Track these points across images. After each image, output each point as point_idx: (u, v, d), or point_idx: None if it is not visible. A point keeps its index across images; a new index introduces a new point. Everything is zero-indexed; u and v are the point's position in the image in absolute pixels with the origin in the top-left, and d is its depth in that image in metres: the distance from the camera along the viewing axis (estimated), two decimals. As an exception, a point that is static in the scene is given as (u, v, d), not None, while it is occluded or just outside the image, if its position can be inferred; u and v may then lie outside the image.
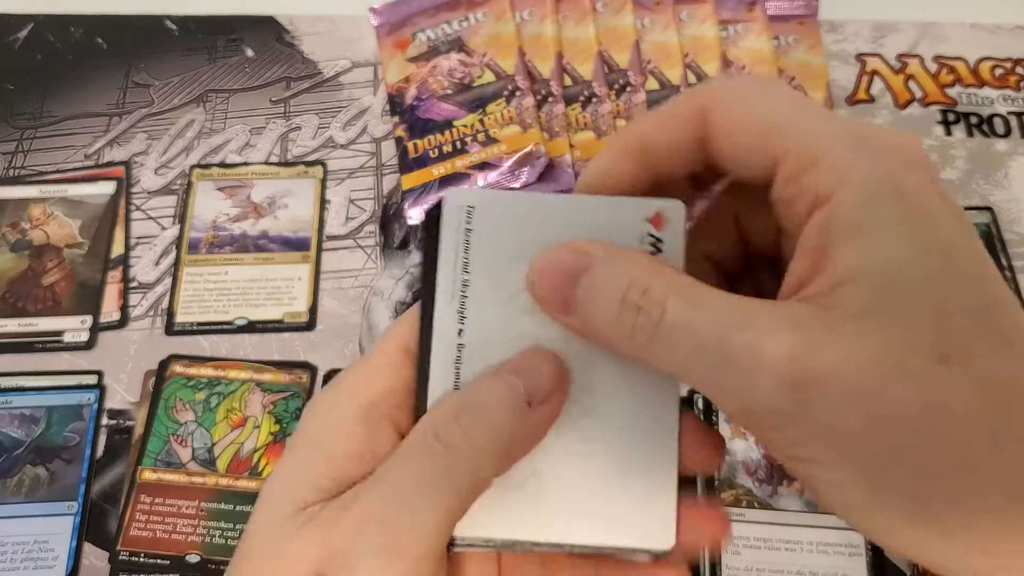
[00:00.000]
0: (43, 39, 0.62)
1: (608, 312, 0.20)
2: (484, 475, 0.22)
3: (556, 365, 0.23)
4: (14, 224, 0.55)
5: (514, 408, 0.22)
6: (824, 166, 0.19)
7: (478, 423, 0.21)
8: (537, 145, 0.53)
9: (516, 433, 0.22)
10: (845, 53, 0.62)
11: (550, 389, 0.22)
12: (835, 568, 0.44)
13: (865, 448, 0.18)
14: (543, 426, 0.22)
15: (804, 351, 0.18)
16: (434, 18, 0.58)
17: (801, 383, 0.18)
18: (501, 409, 0.22)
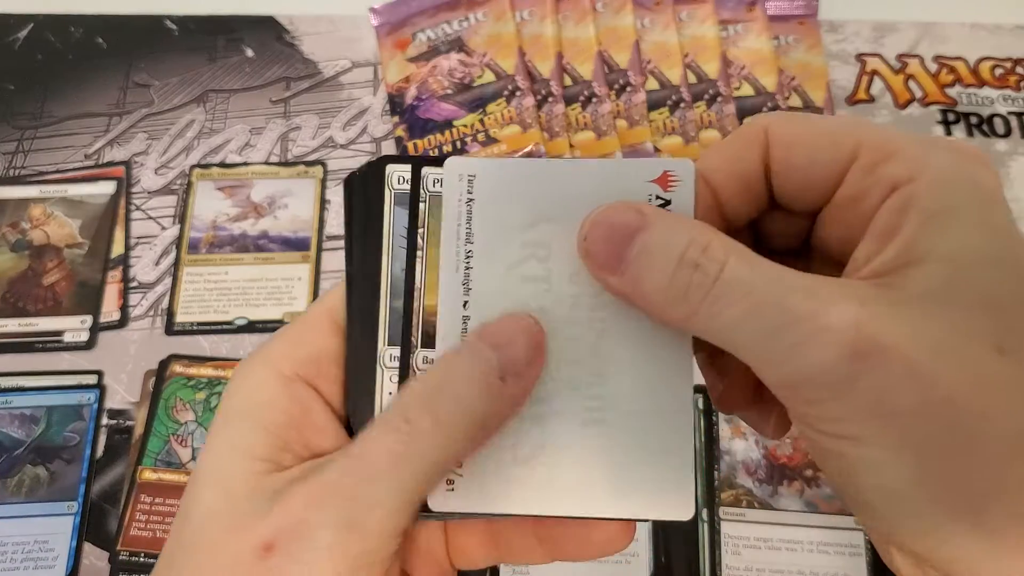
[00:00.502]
0: (43, 39, 0.62)
1: (663, 273, 0.20)
2: (454, 454, 0.21)
3: (532, 335, 0.22)
4: (14, 224, 0.55)
5: (486, 386, 0.21)
6: (901, 157, 0.20)
7: (448, 405, 0.21)
8: (537, 145, 0.53)
9: (488, 411, 0.21)
10: (845, 53, 0.62)
11: (525, 361, 0.22)
12: (835, 568, 0.44)
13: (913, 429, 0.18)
14: (518, 400, 0.22)
15: (870, 321, 0.17)
16: (434, 18, 0.58)
17: (861, 353, 0.17)
18: (472, 388, 0.21)
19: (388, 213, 0.24)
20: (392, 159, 0.24)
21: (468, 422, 0.21)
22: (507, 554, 0.26)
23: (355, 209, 0.24)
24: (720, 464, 0.47)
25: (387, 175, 0.24)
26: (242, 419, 0.23)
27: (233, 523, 0.21)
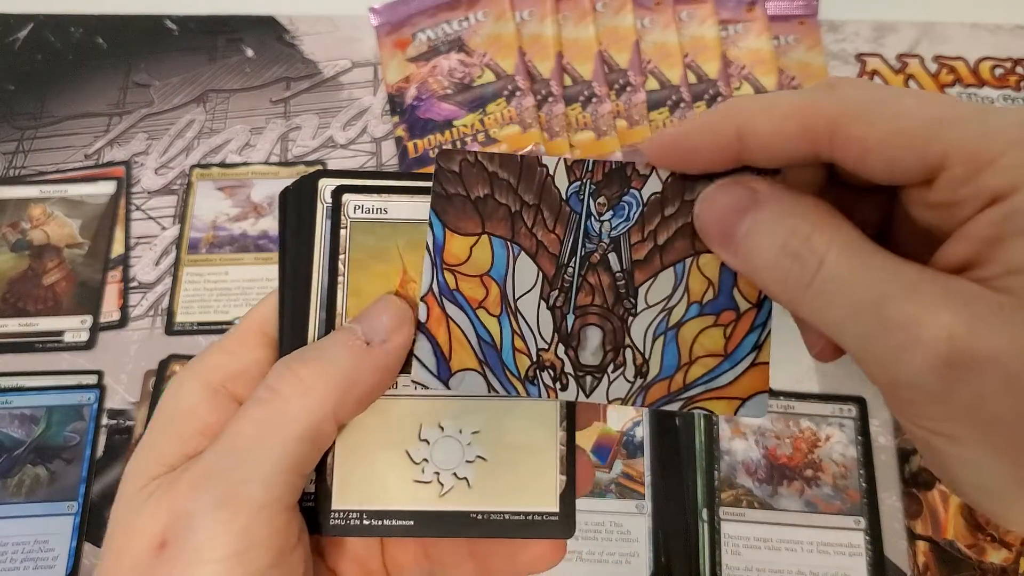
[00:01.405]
0: (43, 39, 0.62)
1: (768, 255, 0.20)
2: (317, 416, 0.22)
3: (396, 308, 0.23)
4: (14, 224, 0.55)
5: (350, 347, 0.22)
6: (1001, 166, 0.18)
7: (311, 364, 0.22)
8: (537, 145, 0.53)
9: (354, 370, 0.22)
10: (845, 53, 0.62)
11: (390, 329, 0.23)
12: (835, 568, 0.44)
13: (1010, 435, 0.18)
14: (387, 362, 0.23)
15: (966, 331, 0.17)
16: (434, 18, 0.58)
17: (956, 364, 0.17)
18: (336, 349, 0.22)
19: (319, 227, 0.24)
20: (325, 173, 0.25)
21: (333, 379, 0.22)
22: (439, 568, 0.27)
23: (288, 222, 0.25)
24: (720, 464, 0.47)
25: (320, 189, 0.24)
26: (159, 427, 0.23)
27: (129, 527, 0.22)
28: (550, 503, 0.24)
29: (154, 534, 0.21)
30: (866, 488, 0.46)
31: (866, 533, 0.45)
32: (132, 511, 0.22)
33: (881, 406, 0.49)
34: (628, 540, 0.45)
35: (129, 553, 0.21)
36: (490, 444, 0.24)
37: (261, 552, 0.21)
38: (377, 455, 0.24)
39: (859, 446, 0.47)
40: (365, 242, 0.24)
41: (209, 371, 0.24)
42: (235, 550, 0.20)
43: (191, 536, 0.20)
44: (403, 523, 0.24)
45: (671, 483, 0.47)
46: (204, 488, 0.21)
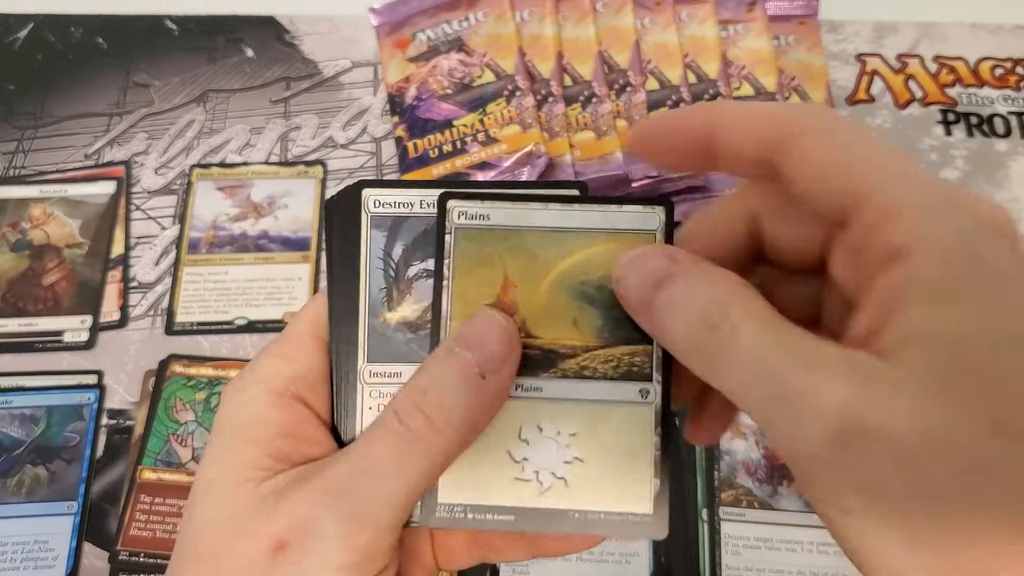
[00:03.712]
0: (43, 39, 0.62)
1: (683, 326, 0.21)
2: (450, 452, 0.23)
3: (504, 330, 0.23)
4: (14, 224, 0.55)
5: (469, 385, 0.23)
6: (906, 222, 0.19)
7: (439, 407, 0.22)
8: (537, 145, 0.53)
9: (475, 407, 0.23)
10: (845, 53, 0.62)
11: (502, 357, 0.23)
12: (835, 568, 0.44)
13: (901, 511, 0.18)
14: (501, 394, 0.23)
15: (858, 404, 0.18)
16: (434, 18, 0.58)
17: (847, 436, 0.18)
18: (458, 389, 0.22)
19: (365, 236, 0.25)
20: (368, 184, 0.25)
21: (458, 422, 0.22)
22: (491, 553, 0.27)
23: (334, 232, 0.26)
24: (720, 464, 0.47)
25: (363, 199, 0.25)
26: (235, 434, 0.24)
27: (237, 529, 0.22)
28: (644, 505, 0.25)
29: (271, 535, 0.21)
30: (866, 488, 0.46)
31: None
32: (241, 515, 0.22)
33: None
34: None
35: (240, 554, 0.22)
36: (587, 446, 0.25)
37: (377, 562, 0.22)
38: (480, 454, 0.25)
39: (859, 446, 0.47)
40: (469, 248, 0.25)
41: (271, 377, 0.24)
42: (357, 560, 0.21)
43: (315, 542, 0.21)
44: (504, 517, 0.24)
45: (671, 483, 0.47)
46: (332, 499, 0.22)
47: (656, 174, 0.53)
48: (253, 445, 0.23)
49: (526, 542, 0.27)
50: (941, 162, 0.58)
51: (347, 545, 0.21)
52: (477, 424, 0.23)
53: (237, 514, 0.22)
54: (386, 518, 0.22)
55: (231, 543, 0.22)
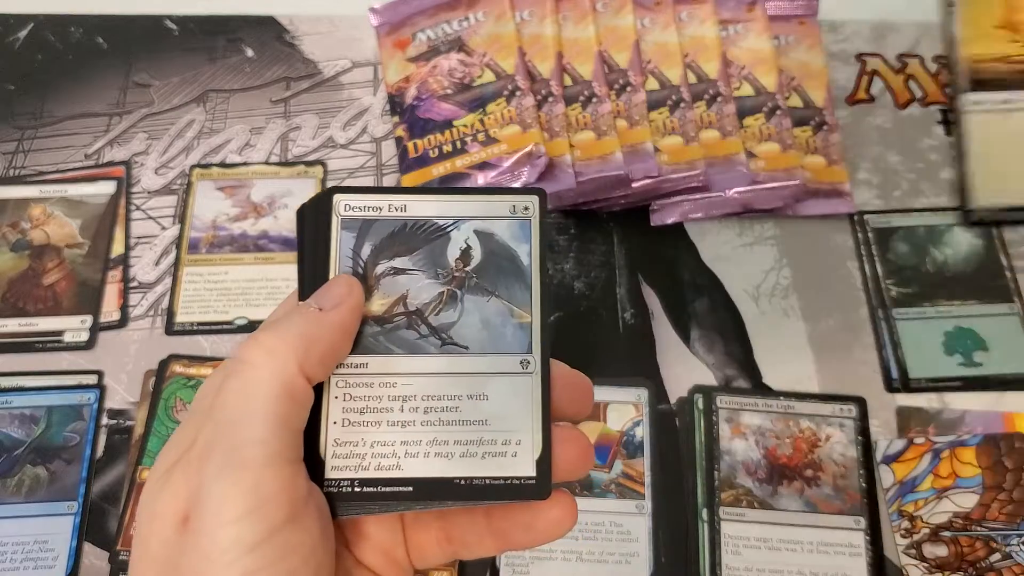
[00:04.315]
0: (43, 39, 0.62)
1: None
2: (287, 373, 0.23)
3: (344, 281, 0.26)
4: (14, 224, 0.55)
5: (304, 313, 0.25)
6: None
7: (272, 332, 0.24)
8: (537, 145, 0.53)
9: (308, 330, 0.24)
10: (845, 53, 0.62)
11: (340, 295, 0.25)
12: (835, 568, 0.44)
13: None
14: (342, 323, 0.25)
15: None
16: (434, 18, 0.58)
17: None
18: (292, 317, 0.25)
19: (335, 236, 0.27)
20: (340, 189, 0.27)
21: (293, 340, 0.24)
22: (461, 548, 0.28)
23: (306, 235, 0.27)
24: (720, 464, 0.47)
25: (334, 203, 0.27)
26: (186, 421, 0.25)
27: (152, 511, 0.23)
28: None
29: (176, 512, 0.22)
30: (866, 488, 0.46)
31: (866, 533, 0.45)
32: (152, 498, 0.23)
33: (881, 407, 0.49)
34: (628, 540, 0.45)
35: (156, 536, 0.23)
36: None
37: (275, 506, 0.22)
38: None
39: (859, 446, 0.47)
40: None
41: None
42: (249, 507, 0.21)
43: (208, 504, 0.22)
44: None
45: (671, 483, 0.47)
46: (208, 459, 0.22)
47: (656, 174, 0.53)
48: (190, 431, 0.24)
49: (493, 535, 0.27)
50: (941, 162, 0.58)
51: (231, 495, 0.21)
52: (318, 351, 0.24)
53: (151, 497, 0.23)
54: (260, 454, 0.22)
55: (150, 526, 0.23)
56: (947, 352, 0.51)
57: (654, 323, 0.52)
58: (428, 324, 0.27)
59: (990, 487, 0.46)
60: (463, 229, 0.27)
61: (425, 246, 0.27)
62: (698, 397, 0.49)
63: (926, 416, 0.49)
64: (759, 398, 0.49)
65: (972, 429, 0.48)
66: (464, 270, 0.27)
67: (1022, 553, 0.45)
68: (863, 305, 0.53)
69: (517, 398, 0.26)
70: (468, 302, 0.27)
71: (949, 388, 0.50)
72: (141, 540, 0.23)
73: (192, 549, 0.22)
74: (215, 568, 0.21)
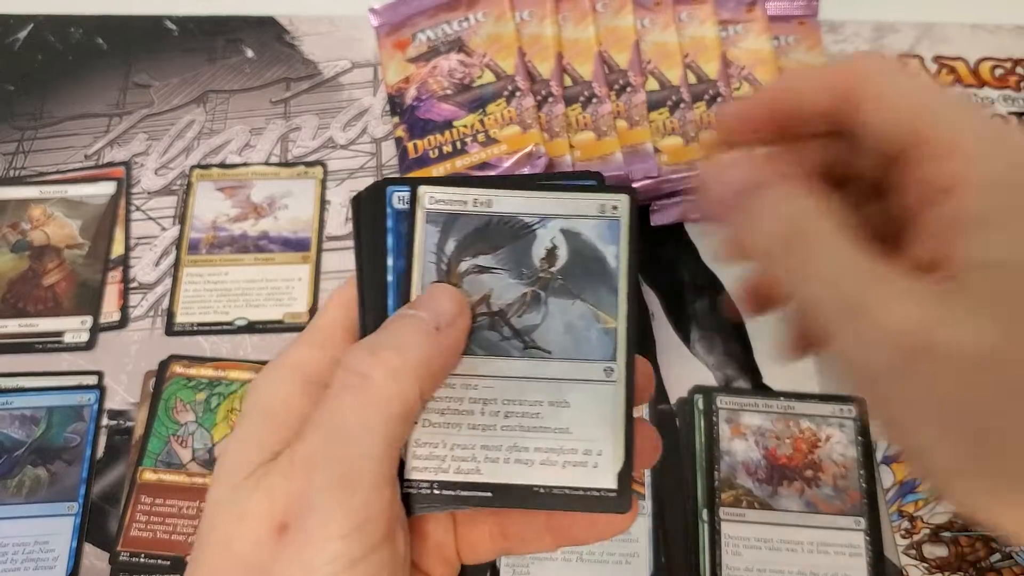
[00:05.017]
0: (43, 39, 0.62)
1: (762, 238, 0.22)
2: (410, 397, 0.23)
3: (454, 294, 0.25)
4: (14, 225, 0.55)
5: (422, 333, 0.24)
6: (960, 155, 0.21)
7: (393, 352, 0.23)
8: (537, 145, 0.53)
9: (430, 354, 0.24)
10: (845, 53, 0.62)
11: (453, 314, 0.25)
12: (835, 568, 0.44)
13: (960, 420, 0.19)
14: (455, 346, 0.25)
15: (925, 323, 0.19)
16: (434, 18, 0.58)
17: (911, 353, 0.19)
18: (411, 336, 0.24)
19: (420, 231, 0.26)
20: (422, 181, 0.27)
21: (413, 364, 0.23)
22: (517, 545, 0.27)
23: (363, 225, 0.26)
24: (720, 464, 0.47)
25: (419, 196, 0.26)
26: (258, 417, 0.24)
27: (241, 512, 0.22)
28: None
29: (272, 516, 0.22)
30: (866, 488, 0.46)
31: (866, 533, 0.45)
32: (242, 498, 0.22)
33: (881, 406, 0.49)
34: (628, 540, 0.45)
35: (245, 537, 0.22)
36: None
37: (377, 525, 0.22)
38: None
39: (859, 446, 0.47)
40: None
41: (302, 364, 0.25)
42: (355, 525, 0.21)
43: (313, 515, 0.21)
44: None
45: (671, 483, 0.47)
46: (318, 469, 0.22)
47: (656, 174, 0.53)
48: (273, 428, 0.24)
49: (552, 532, 0.27)
50: (941, 162, 0.57)
51: (342, 512, 0.21)
52: (434, 372, 0.24)
53: (240, 496, 0.22)
54: (371, 472, 0.22)
55: (237, 526, 0.22)
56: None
57: (654, 323, 0.52)
58: (511, 326, 0.26)
59: (990, 487, 0.47)
60: (549, 228, 0.26)
61: (510, 244, 0.26)
62: (698, 397, 0.49)
63: (926, 416, 0.49)
64: (759, 398, 0.49)
65: (972, 429, 0.48)
66: (549, 271, 0.26)
67: (1022, 553, 0.45)
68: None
69: (599, 407, 0.25)
70: (552, 304, 0.26)
71: (949, 388, 0.50)
72: (221, 537, 0.22)
73: (291, 558, 0.21)
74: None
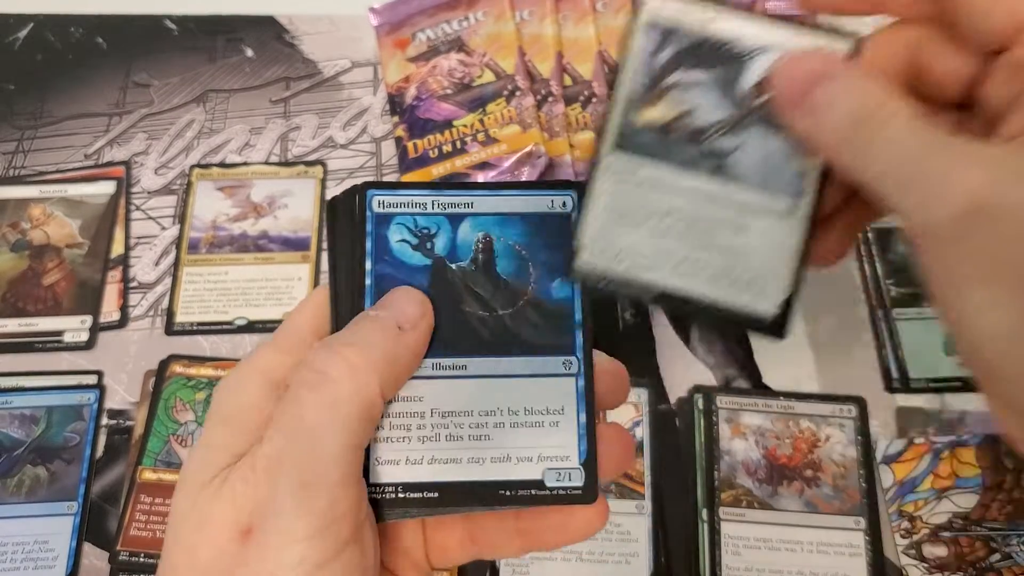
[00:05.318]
0: (43, 39, 0.62)
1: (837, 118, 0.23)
2: (370, 394, 0.23)
3: (417, 297, 0.25)
4: (14, 224, 0.55)
5: (385, 332, 0.24)
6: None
7: (356, 349, 0.23)
8: (537, 145, 0.53)
9: (392, 352, 0.24)
10: (845, 53, 0.61)
11: (416, 316, 0.25)
12: (835, 568, 0.44)
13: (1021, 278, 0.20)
14: (418, 347, 0.25)
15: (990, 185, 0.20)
16: (434, 18, 0.58)
17: (976, 212, 0.20)
18: (375, 334, 0.24)
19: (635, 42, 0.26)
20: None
21: (376, 362, 0.23)
22: (486, 549, 0.27)
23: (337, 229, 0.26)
24: (720, 464, 0.47)
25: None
26: (224, 422, 0.24)
27: (204, 519, 0.22)
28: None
29: (236, 521, 0.22)
30: (866, 488, 0.46)
31: (866, 533, 0.45)
32: (204, 502, 0.22)
33: (881, 407, 0.49)
34: (628, 540, 0.45)
35: (209, 544, 0.22)
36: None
37: (343, 526, 0.22)
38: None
39: (859, 446, 0.47)
40: None
41: (269, 368, 0.25)
42: (320, 526, 0.21)
43: (277, 519, 0.21)
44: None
45: (671, 483, 0.47)
46: (281, 471, 0.22)
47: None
48: (240, 433, 0.23)
49: (521, 536, 0.27)
50: (941, 162, 0.58)
51: (305, 513, 0.21)
52: (396, 374, 0.24)
53: (202, 503, 0.22)
54: (334, 473, 0.21)
55: (200, 533, 0.22)
56: (947, 352, 0.51)
57: (654, 323, 0.52)
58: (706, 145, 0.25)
59: (990, 487, 0.46)
60: (765, 58, 0.26)
61: (722, 66, 0.26)
62: (698, 397, 0.49)
63: (926, 416, 0.49)
64: (759, 398, 0.49)
65: (972, 429, 0.48)
66: (757, 100, 0.26)
67: (1022, 553, 0.45)
68: (863, 305, 0.53)
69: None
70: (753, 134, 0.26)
71: (949, 388, 0.50)
72: (186, 546, 0.22)
73: (255, 563, 0.21)
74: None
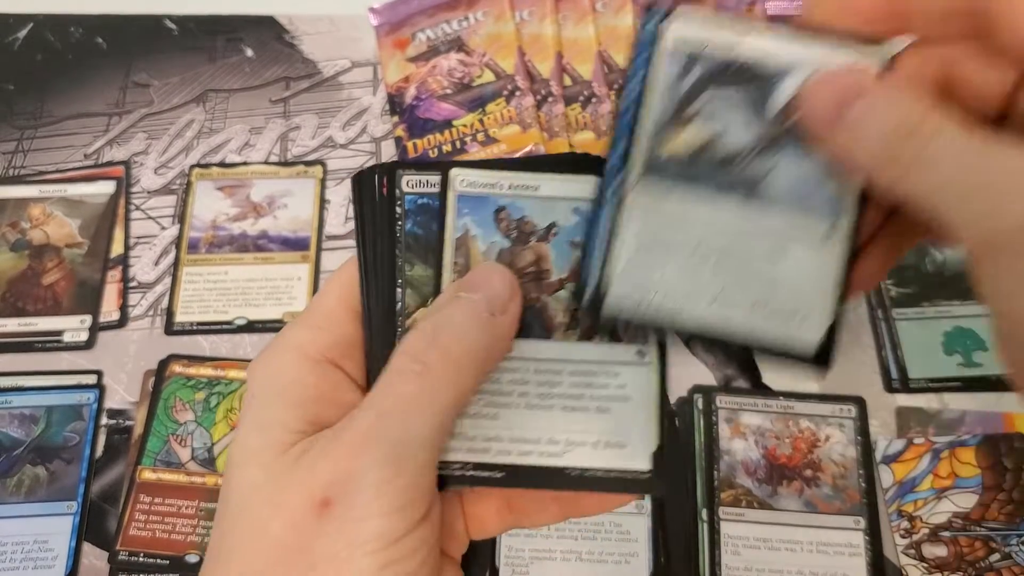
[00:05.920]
0: (43, 39, 0.62)
1: (879, 134, 0.22)
2: (467, 386, 0.23)
3: (505, 275, 0.25)
4: (14, 224, 0.55)
5: (481, 320, 0.23)
6: None
7: (454, 341, 0.23)
8: (537, 145, 0.53)
9: (487, 343, 0.24)
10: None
11: (507, 298, 0.24)
12: (834, 568, 0.44)
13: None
14: (508, 334, 0.25)
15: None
16: (434, 18, 0.58)
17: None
18: (470, 323, 0.23)
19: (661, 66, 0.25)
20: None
21: (473, 353, 0.23)
22: (523, 517, 0.27)
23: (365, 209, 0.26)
24: (720, 464, 0.47)
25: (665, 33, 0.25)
26: (272, 398, 0.24)
27: (278, 491, 0.22)
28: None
29: (313, 494, 0.22)
30: (866, 488, 0.46)
31: (865, 533, 0.45)
32: (279, 475, 0.22)
33: (881, 407, 0.49)
34: (628, 540, 0.45)
35: (283, 517, 0.22)
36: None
37: (419, 505, 0.22)
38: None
39: (859, 446, 0.47)
40: None
41: (305, 345, 0.25)
42: (399, 505, 0.21)
43: (357, 494, 0.21)
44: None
45: (671, 483, 0.47)
46: (368, 449, 0.22)
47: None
48: (290, 408, 0.23)
49: (559, 503, 0.27)
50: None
51: (388, 490, 0.21)
52: (489, 361, 0.24)
53: (275, 476, 0.22)
54: (421, 456, 0.22)
55: (274, 506, 0.22)
56: (947, 352, 0.51)
57: (654, 323, 0.52)
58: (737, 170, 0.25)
59: (990, 487, 0.46)
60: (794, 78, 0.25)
61: (750, 88, 0.25)
62: (698, 397, 0.49)
63: (926, 416, 0.49)
64: (759, 398, 0.49)
65: (972, 429, 0.48)
66: (788, 121, 0.25)
67: (1022, 553, 0.45)
68: (862, 305, 0.53)
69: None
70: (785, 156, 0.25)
71: (949, 388, 0.50)
72: (255, 520, 0.22)
73: (333, 534, 0.21)
74: (355, 556, 0.21)
